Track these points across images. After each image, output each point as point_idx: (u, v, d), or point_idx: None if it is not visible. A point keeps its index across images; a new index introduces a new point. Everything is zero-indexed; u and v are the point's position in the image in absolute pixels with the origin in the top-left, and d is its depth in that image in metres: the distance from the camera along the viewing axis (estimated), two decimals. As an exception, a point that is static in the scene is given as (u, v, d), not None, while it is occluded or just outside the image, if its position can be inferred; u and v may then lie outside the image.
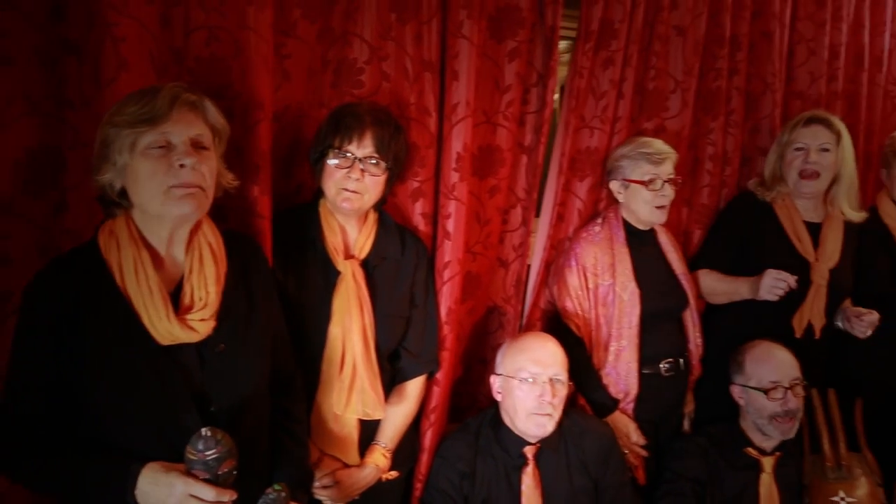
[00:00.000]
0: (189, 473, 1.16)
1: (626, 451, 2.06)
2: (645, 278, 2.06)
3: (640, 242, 2.11)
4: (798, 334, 2.15)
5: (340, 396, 1.65)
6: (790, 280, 2.01)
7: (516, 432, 1.83)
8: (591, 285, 2.05)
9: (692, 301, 2.15)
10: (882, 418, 2.22)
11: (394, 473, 1.78)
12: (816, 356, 2.16)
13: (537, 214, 2.14)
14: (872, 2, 2.72)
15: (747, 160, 2.43)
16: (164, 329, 1.23)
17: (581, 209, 2.18)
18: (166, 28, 1.50)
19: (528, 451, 1.83)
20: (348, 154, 1.58)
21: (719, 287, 2.22)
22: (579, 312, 2.07)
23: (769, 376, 1.98)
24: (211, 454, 1.15)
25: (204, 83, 1.52)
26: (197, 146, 1.24)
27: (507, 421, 1.84)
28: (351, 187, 1.59)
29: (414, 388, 1.80)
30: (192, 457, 1.15)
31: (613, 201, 2.15)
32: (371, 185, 1.61)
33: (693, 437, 2.13)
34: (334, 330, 1.64)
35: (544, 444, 1.83)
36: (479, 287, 2.09)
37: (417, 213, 1.85)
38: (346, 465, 1.72)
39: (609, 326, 2.04)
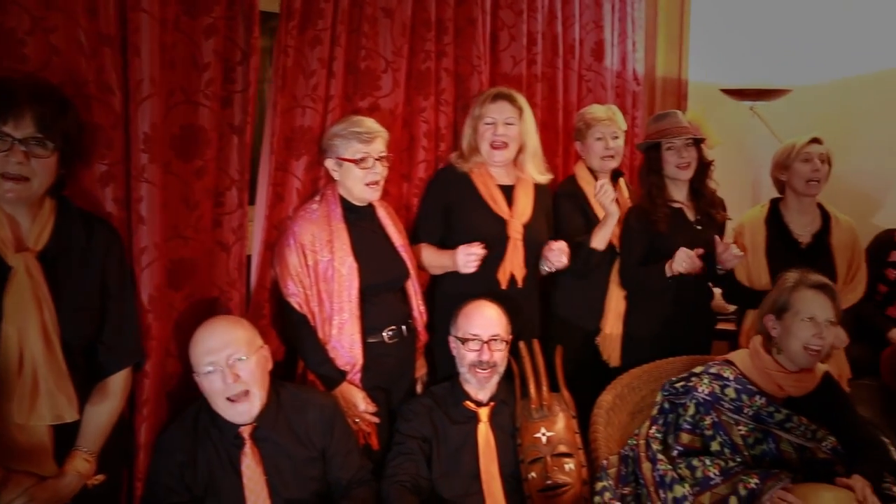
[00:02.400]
0: None
1: (358, 420, 2.13)
2: (364, 252, 2.13)
3: (358, 218, 2.18)
4: (503, 286, 2.37)
5: (22, 403, 1.49)
6: (478, 250, 2.21)
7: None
8: (310, 262, 2.08)
9: (412, 271, 2.27)
10: (576, 358, 2.56)
11: (99, 477, 1.66)
12: (522, 304, 2.41)
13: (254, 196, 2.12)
14: (563, -5, 3.06)
15: (460, 136, 2.60)
16: None
17: (300, 188, 2.20)
18: None
19: (245, 432, 1.82)
20: (5, 136, 1.42)
21: (433, 261, 2.39)
22: (300, 290, 2.09)
23: (471, 329, 2.17)
24: None
25: None
26: None
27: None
28: (12, 172, 1.44)
29: (116, 383, 1.69)
30: None
31: (331, 179, 2.19)
32: (39, 168, 1.47)
33: (418, 399, 2.26)
34: (8, 330, 1.47)
35: (261, 422, 1.84)
36: (196, 272, 2.01)
37: (109, 199, 1.72)
38: (43, 478, 1.57)
39: (331, 301, 2.09)
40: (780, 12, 3.56)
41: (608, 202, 2.46)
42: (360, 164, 2.09)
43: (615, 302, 2.67)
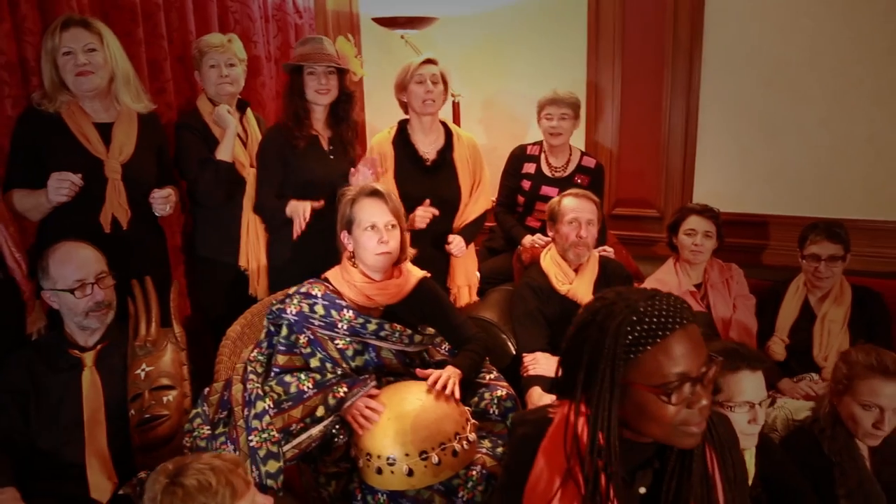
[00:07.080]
0: None
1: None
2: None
3: None
4: (107, 230, 2.29)
5: None
6: (73, 178, 2.11)
7: None
8: None
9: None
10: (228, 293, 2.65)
11: None
12: (134, 246, 2.36)
13: None
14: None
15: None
16: None
17: None
18: None
19: None
20: None
21: (27, 203, 2.22)
22: None
23: (73, 276, 2.06)
24: None
25: None
26: None
27: None
28: None
29: None
30: None
31: None
32: None
33: (18, 351, 2.12)
34: None
35: None
36: None
37: None
38: None
39: None
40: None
41: (224, 116, 2.56)
42: None
43: (252, 233, 2.69)
